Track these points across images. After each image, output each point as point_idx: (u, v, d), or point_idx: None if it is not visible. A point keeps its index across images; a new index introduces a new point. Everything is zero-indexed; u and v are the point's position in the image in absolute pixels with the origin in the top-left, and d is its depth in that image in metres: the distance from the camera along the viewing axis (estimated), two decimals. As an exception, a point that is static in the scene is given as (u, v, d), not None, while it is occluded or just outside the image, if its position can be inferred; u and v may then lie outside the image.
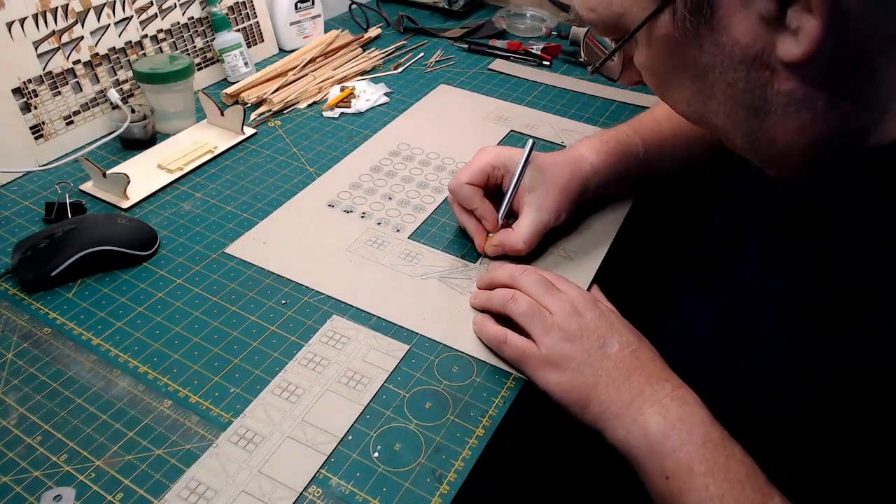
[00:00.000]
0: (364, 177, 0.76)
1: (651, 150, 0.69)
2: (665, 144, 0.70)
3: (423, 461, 0.47)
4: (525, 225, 0.62)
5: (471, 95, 0.94)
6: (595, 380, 0.50)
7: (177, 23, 0.88)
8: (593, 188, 0.66)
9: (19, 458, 0.46)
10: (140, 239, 0.63)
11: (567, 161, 0.65)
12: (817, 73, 0.37)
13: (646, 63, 0.45)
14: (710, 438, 0.46)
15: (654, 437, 0.47)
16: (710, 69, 0.41)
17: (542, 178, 0.63)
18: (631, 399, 0.49)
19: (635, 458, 0.48)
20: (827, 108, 0.39)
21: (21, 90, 0.73)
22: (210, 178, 0.76)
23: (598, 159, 0.66)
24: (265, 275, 0.62)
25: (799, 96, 0.39)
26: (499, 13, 1.16)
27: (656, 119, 0.72)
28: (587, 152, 0.67)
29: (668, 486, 0.45)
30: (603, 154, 0.67)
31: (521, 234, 0.62)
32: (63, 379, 0.52)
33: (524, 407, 0.53)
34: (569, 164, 0.65)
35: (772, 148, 0.42)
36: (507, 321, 0.56)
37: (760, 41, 0.38)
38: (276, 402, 0.51)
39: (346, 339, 0.56)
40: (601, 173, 0.66)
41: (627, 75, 0.49)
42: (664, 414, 0.47)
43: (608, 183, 0.68)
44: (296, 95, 0.90)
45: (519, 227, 0.63)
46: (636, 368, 0.50)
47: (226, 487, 0.45)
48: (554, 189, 0.63)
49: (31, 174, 0.74)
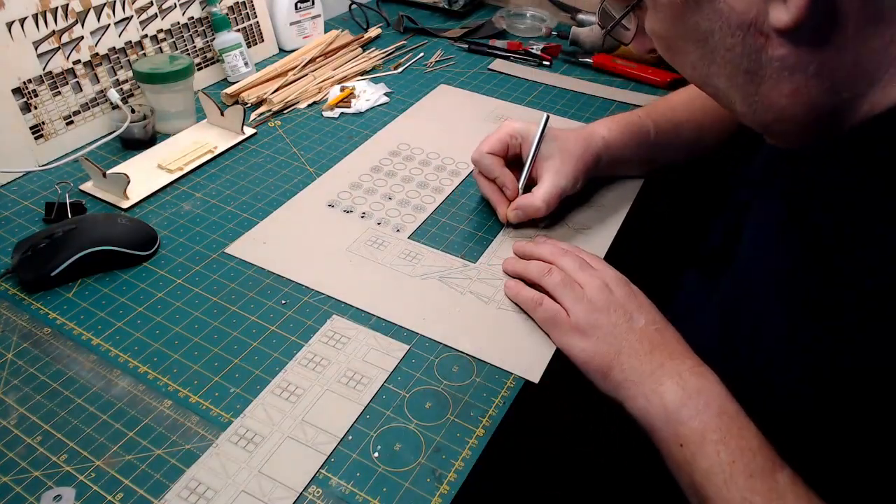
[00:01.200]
0: (364, 177, 0.76)
1: (662, 133, 0.72)
2: (676, 129, 0.73)
3: (423, 461, 0.47)
4: (544, 189, 0.65)
5: (471, 95, 0.94)
6: (618, 349, 0.52)
7: (177, 23, 0.88)
8: (605, 161, 0.70)
9: (19, 458, 0.46)
10: (140, 239, 0.63)
11: (581, 134, 0.69)
12: (807, 40, 0.39)
13: (654, 29, 0.48)
14: (725, 411, 0.47)
15: (671, 406, 0.48)
16: (709, 35, 0.43)
17: (558, 148, 0.67)
18: (651, 371, 0.51)
19: (652, 426, 0.49)
20: (818, 74, 0.40)
21: (21, 90, 0.73)
22: (210, 178, 0.76)
23: (611, 135, 0.70)
24: (265, 275, 0.62)
25: (791, 62, 0.40)
26: (499, 13, 1.16)
27: (671, 105, 0.75)
28: (600, 128, 0.71)
29: (682, 453, 0.47)
30: (615, 131, 0.70)
31: (540, 196, 0.65)
32: (63, 379, 0.52)
33: (524, 407, 0.53)
34: (582, 136, 0.69)
35: (769, 112, 0.44)
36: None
37: (754, 8, 0.40)
38: (276, 402, 0.51)
39: (346, 339, 0.56)
40: (613, 147, 0.70)
41: (639, 42, 0.51)
42: (682, 385, 0.49)
43: (619, 159, 0.71)
44: (296, 95, 0.90)
45: (538, 191, 0.66)
46: (659, 344, 0.52)
47: (226, 487, 0.45)
48: (570, 157, 0.66)
49: (31, 174, 0.75)
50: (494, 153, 0.67)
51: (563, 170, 0.66)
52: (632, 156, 0.72)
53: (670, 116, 0.73)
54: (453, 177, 0.77)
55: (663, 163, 0.76)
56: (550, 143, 0.67)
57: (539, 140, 0.66)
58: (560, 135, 0.68)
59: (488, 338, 0.57)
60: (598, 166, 0.69)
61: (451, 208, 0.72)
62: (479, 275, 0.63)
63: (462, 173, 0.77)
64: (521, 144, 0.68)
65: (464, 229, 0.69)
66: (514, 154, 0.69)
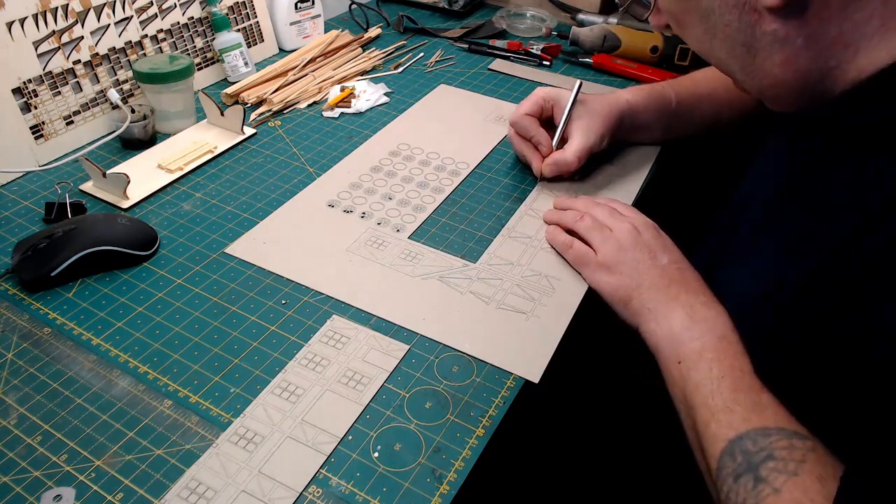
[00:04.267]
0: (364, 177, 0.76)
1: (683, 104, 0.79)
2: (698, 101, 0.79)
3: (423, 461, 0.47)
4: (575, 145, 0.73)
5: (471, 95, 0.94)
6: (640, 282, 0.58)
7: (177, 23, 0.88)
8: (628, 123, 0.76)
9: (19, 458, 0.46)
10: (140, 239, 0.63)
11: (607, 97, 0.77)
12: (794, 16, 0.44)
13: (665, 5, 0.53)
14: (725, 337, 0.51)
15: (677, 329, 0.53)
16: (710, 12, 0.48)
17: (587, 110, 0.74)
18: (667, 300, 0.56)
19: (657, 346, 0.55)
20: (806, 45, 0.45)
21: (21, 90, 0.73)
22: (210, 178, 0.76)
23: (634, 99, 0.77)
24: (265, 275, 0.62)
25: (781, 35, 0.45)
26: (499, 13, 1.16)
27: (694, 80, 0.81)
28: (625, 93, 0.78)
29: (679, 369, 0.52)
30: (639, 96, 0.77)
31: (571, 152, 0.73)
32: (63, 379, 0.52)
33: (524, 407, 0.53)
34: (608, 99, 0.76)
35: (765, 79, 0.49)
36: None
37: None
38: (276, 402, 0.51)
39: (346, 339, 0.56)
40: (636, 110, 0.77)
41: (656, 17, 0.56)
42: (691, 314, 0.54)
43: (641, 123, 0.78)
44: (296, 95, 0.90)
45: (569, 148, 0.73)
46: (678, 280, 0.57)
47: (226, 487, 0.45)
48: (597, 117, 0.74)
49: (31, 174, 0.75)
50: (531, 114, 0.75)
51: (592, 128, 0.73)
52: (653, 121, 0.78)
53: (693, 90, 0.79)
54: (453, 177, 0.77)
55: (682, 133, 0.81)
56: (579, 106, 0.74)
57: (573, 103, 0.74)
58: (588, 98, 0.76)
59: (488, 338, 0.57)
60: (622, 127, 0.76)
61: (451, 208, 0.72)
62: (479, 275, 0.63)
63: (462, 173, 0.77)
64: (553, 108, 0.76)
65: (464, 229, 0.69)
66: (547, 116, 0.76)
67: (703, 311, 0.54)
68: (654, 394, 0.57)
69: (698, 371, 0.50)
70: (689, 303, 0.55)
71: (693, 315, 0.54)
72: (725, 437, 0.45)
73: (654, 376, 0.55)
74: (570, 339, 0.58)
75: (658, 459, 0.69)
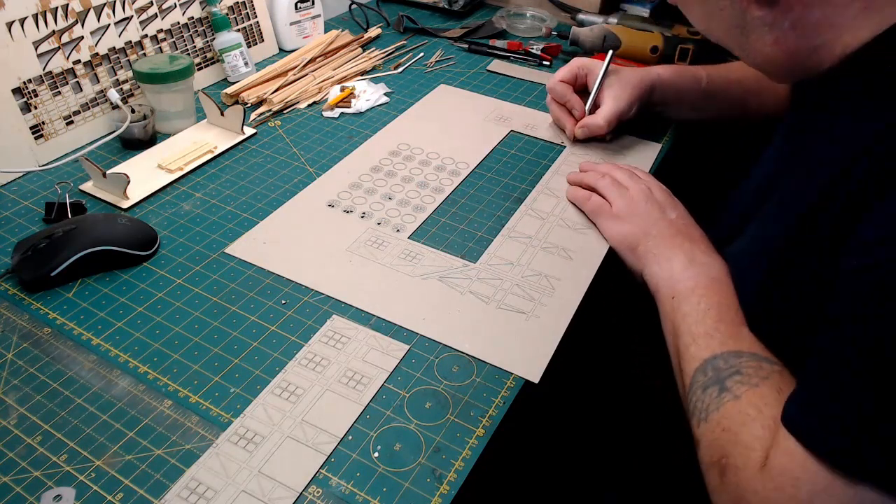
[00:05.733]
0: (364, 177, 0.76)
1: (713, 84, 0.82)
2: (727, 84, 0.83)
3: (423, 461, 0.47)
4: (605, 111, 0.79)
5: (471, 95, 0.94)
6: (647, 231, 0.64)
7: (177, 23, 0.88)
8: (658, 95, 0.81)
9: (19, 458, 0.46)
10: (140, 239, 0.63)
11: (638, 69, 0.82)
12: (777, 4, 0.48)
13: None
14: (718, 279, 0.57)
15: (676, 270, 0.59)
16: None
17: (618, 79, 0.80)
18: (671, 247, 0.61)
19: (657, 286, 0.60)
20: (793, 27, 0.49)
21: (21, 90, 0.73)
22: (210, 178, 0.76)
23: (665, 73, 0.81)
24: (265, 275, 0.62)
25: (769, 20, 0.50)
26: (499, 13, 1.16)
27: (728, 66, 0.84)
28: (656, 67, 0.83)
29: (672, 304, 0.57)
30: (670, 70, 0.82)
31: (602, 116, 0.79)
32: (63, 379, 0.52)
33: (524, 407, 0.53)
34: (639, 70, 0.82)
35: (758, 57, 0.53)
36: None
37: None
38: (276, 402, 0.51)
39: (346, 339, 0.56)
40: (665, 83, 0.81)
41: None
42: (691, 259, 0.60)
43: (670, 96, 0.82)
44: (296, 95, 0.90)
45: (601, 113, 0.79)
46: (684, 232, 0.63)
47: (226, 487, 0.45)
48: (628, 86, 0.79)
49: (31, 174, 0.75)
50: (566, 81, 0.82)
51: (622, 96, 0.78)
52: (681, 97, 0.82)
53: (724, 73, 0.83)
54: (453, 177, 0.77)
55: (710, 115, 0.84)
56: (612, 74, 0.81)
57: (605, 70, 0.80)
58: (620, 69, 0.82)
59: (488, 338, 0.57)
60: (652, 97, 0.81)
61: (451, 208, 0.72)
62: (479, 275, 0.63)
63: (462, 173, 0.77)
64: (587, 76, 0.82)
65: (464, 229, 0.69)
66: (581, 84, 0.83)
67: (702, 258, 0.59)
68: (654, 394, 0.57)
69: (688, 303, 0.56)
70: (690, 250, 0.60)
71: (693, 259, 0.59)
72: (701, 357, 0.51)
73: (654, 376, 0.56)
74: (570, 339, 0.58)
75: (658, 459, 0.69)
